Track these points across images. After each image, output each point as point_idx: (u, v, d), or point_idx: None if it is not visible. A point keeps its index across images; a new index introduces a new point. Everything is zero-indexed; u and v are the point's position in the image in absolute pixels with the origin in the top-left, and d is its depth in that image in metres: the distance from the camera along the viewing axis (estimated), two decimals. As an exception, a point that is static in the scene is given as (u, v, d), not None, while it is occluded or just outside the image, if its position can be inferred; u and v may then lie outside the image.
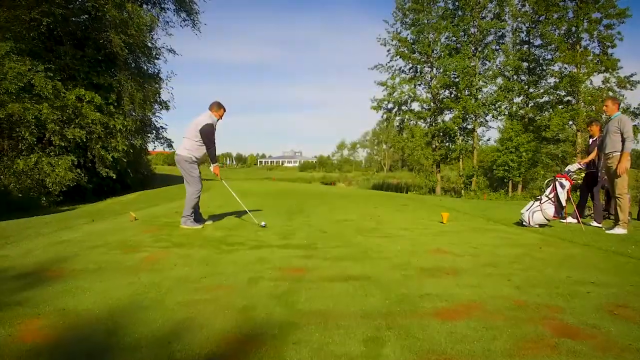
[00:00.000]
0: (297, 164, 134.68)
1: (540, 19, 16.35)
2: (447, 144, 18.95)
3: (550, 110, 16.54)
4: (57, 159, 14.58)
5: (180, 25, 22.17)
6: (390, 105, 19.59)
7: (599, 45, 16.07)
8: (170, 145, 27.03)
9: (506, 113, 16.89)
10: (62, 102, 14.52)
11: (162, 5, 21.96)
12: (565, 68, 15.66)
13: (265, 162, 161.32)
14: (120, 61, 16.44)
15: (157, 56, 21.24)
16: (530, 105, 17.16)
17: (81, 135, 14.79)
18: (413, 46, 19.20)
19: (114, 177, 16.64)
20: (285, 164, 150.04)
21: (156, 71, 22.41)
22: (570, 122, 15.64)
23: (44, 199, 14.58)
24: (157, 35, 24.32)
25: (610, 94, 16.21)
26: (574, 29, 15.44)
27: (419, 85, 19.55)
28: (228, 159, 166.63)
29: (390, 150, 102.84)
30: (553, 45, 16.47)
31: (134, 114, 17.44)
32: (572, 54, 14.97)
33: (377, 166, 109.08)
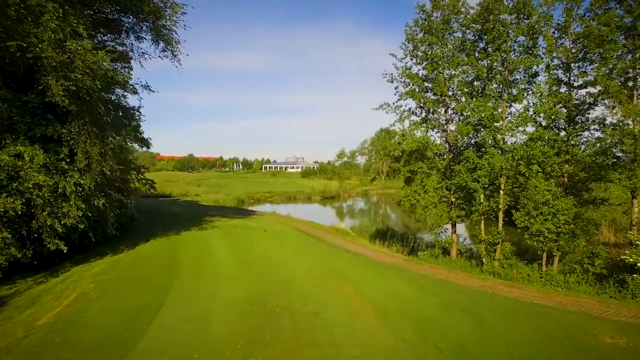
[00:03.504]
0: (299, 169, 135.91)
1: (589, 56, 13.22)
2: (466, 202, 15.88)
3: (595, 167, 13.40)
4: (-20, 238, 11.82)
5: (160, 57, 19.75)
6: (399, 153, 16.73)
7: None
8: (152, 187, 24.47)
9: (541, 171, 13.77)
10: (-11, 164, 11.74)
11: (138, 34, 19.51)
12: (624, 122, 12.48)
13: (269, 167, 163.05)
14: (73, 107, 13.69)
15: (135, 91, 18.94)
16: (570, 161, 14.01)
17: (16, 206, 12.01)
18: (426, 84, 16.21)
19: (65, 251, 13.82)
20: (289, 169, 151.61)
21: (136, 105, 20.09)
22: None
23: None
24: (136, 68, 21.89)
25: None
26: (631, 72, 12.34)
27: (433, 130, 16.56)
28: (235, 164, 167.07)
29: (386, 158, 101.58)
30: (599, 88, 13.37)
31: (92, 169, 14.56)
32: (633, 106, 11.85)
33: (375, 173, 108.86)
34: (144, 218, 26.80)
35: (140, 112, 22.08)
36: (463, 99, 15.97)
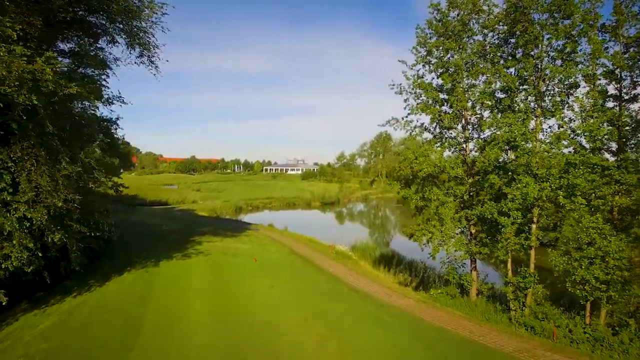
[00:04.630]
0: (299, 172, 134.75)
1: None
2: (489, 236, 13.41)
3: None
4: None
5: (136, 63, 17.47)
6: (409, 176, 14.35)
7: None
8: (132, 205, 22.07)
9: (585, 203, 11.32)
10: None
11: (112, 37, 17.19)
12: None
13: (270, 169, 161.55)
14: (14, 127, 11.34)
15: (110, 102, 16.88)
16: (620, 192, 11.53)
17: None
18: (441, 95, 13.78)
19: (4, 304, 11.39)
20: (289, 171, 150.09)
21: (114, 117, 18.02)
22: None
23: None
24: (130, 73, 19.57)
25: None
26: None
27: (449, 149, 14.13)
28: (236, 166, 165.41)
29: (385, 161, 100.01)
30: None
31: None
32: None
33: (374, 175, 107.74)
34: (127, 235, 24.23)
35: (117, 125, 19.73)
36: (485, 114, 13.59)
